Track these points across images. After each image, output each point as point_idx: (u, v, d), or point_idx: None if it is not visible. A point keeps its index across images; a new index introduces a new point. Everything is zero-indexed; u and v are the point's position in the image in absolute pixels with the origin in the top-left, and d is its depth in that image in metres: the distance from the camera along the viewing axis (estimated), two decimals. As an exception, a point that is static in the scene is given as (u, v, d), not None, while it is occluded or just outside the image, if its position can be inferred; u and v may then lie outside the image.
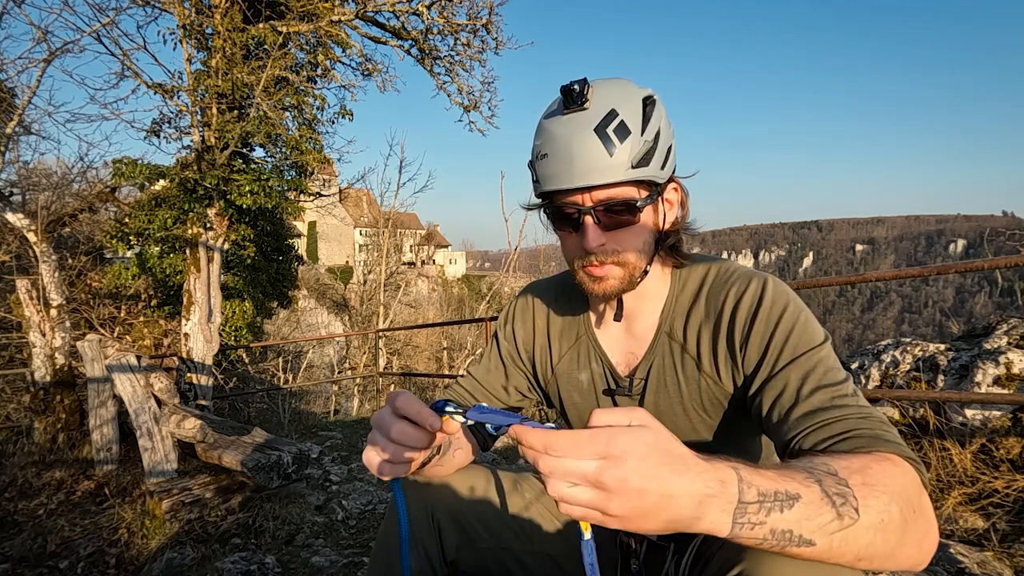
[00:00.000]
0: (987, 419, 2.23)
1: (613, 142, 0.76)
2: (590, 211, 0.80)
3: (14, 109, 4.19)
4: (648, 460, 0.49)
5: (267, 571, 2.13)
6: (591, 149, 0.76)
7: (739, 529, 0.52)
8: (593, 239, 0.80)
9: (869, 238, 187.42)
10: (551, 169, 0.80)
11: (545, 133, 0.81)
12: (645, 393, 0.92)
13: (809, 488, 0.54)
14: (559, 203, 0.82)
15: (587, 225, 0.80)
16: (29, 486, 3.15)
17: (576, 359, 1.00)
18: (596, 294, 0.85)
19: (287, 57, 5.56)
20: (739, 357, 0.82)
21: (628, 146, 0.77)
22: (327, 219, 30.71)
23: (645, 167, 0.79)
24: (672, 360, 0.90)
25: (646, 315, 0.92)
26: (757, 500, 0.52)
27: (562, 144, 0.78)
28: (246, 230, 6.97)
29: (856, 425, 0.68)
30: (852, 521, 0.54)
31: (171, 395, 3.22)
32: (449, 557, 0.96)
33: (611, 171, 0.77)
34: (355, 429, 5.72)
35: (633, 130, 0.78)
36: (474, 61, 6.47)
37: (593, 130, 0.77)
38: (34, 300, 4.19)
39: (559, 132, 0.79)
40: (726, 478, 0.51)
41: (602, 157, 0.77)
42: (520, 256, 9.81)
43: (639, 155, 0.78)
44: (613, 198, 0.79)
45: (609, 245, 0.82)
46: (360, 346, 16.07)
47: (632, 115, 0.78)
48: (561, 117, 0.79)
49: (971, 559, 1.70)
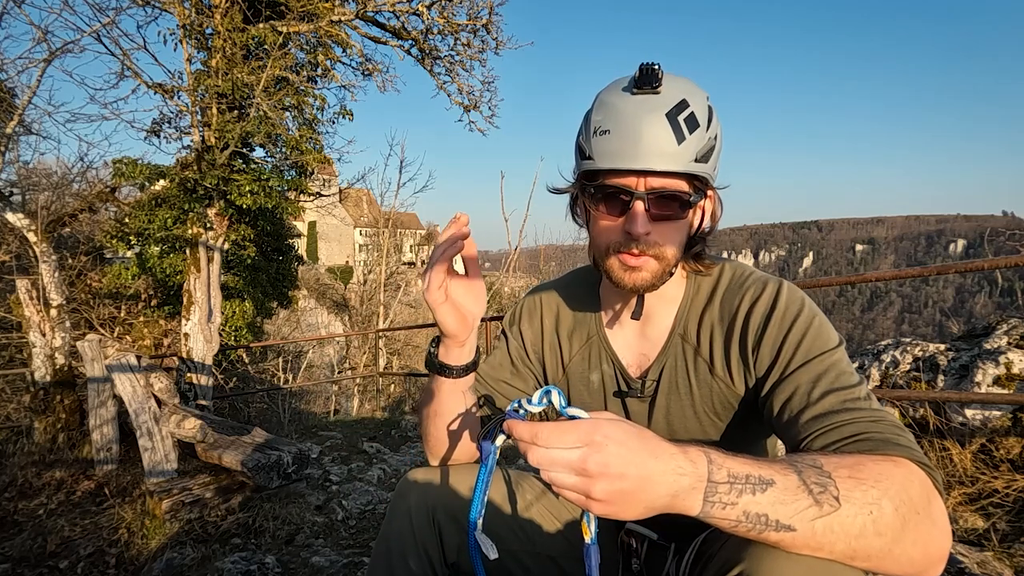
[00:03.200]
0: (987, 419, 2.23)
1: (683, 131, 0.75)
2: (643, 196, 0.77)
3: (14, 109, 4.18)
4: (627, 445, 0.54)
5: (267, 571, 2.13)
6: (660, 133, 0.74)
7: (710, 508, 0.55)
8: (641, 225, 0.77)
9: (869, 238, 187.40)
10: (613, 146, 0.76)
11: (610, 109, 0.77)
12: (656, 395, 0.91)
13: (786, 476, 0.56)
14: (610, 183, 0.79)
15: (636, 210, 0.77)
16: (29, 486, 3.14)
17: (587, 359, 0.99)
18: (626, 285, 0.82)
19: (287, 57, 5.57)
20: (751, 360, 0.82)
21: (695, 138, 0.76)
22: (327, 219, 30.69)
23: (705, 164, 0.78)
24: (685, 363, 0.89)
25: (661, 317, 0.92)
26: (727, 481, 0.55)
27: (630, 122, 0.75)
28: (246, 230, 6.97)
29: (866, 428, 0.67)
30: (832, 510, 0.55)
31: (171, 395, 3.21)
32: (450, 558, 0.95)
33: (676, 159, 0.75)
34: (355, 429, 5.72)
35: (701, 123, 0.76)
36: (474, 61, 6.49)
37: (665, 114, 0.75)
38: (34, 300, 4.19)
39: (628, 110, 0.76)
40: (696, 459, 0.55)
41: (670, 143, 0.74)
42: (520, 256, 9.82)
43: (704, 150, 0.77)
44: (668, 188, 0.77)
45: (653, 236, 0.80)
46: (360, 346, 16.05)
47: (701, 109, 0.77)
48: (631, 96, 0.76)
49: (971, 559, 1.69)
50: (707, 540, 0.84)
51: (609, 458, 0.53)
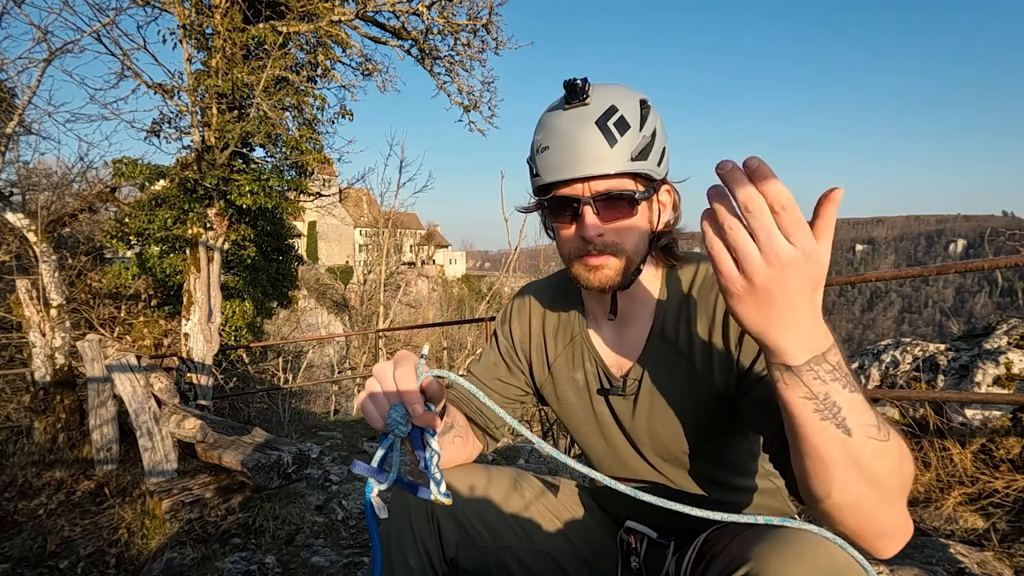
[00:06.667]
0: (987, 419, 2.23)
1: (613, 134, 0.79)
2: (589, 201, 0.82)
3: (14, 109, 4.18)
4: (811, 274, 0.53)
5: (267, 571, 2.13)
6: (593, 140, 0.79)
7: (806, 371, 0.56)
8: (592, 227, 0.82)
9: (869, 238, 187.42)
10: (552, 161, 0.82)
11: (547, 127, 0.84)
12: (639, 395, 0.92)
13: (866, 400, 0.59)
14: (558, 195, 0.84)
15: (586, 215, 0.82)
16: (29, 486, 3.14)
17: (571, 358, 1.01)
18: (592, 284, 0.86)
19: (287, 57, 5.57)
20: (735, 354, 0.82)
21: (628, 139, 0.80)
22: (327, 219, 30.70)
23: (643, 161, 0.81)
24: (665, 361, 0.90)
25: (639, 317, 0.93)
26: (834, 365, 0.57)
27: (564, 136, 0.81)
28: (246, 230, 6.96)
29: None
30: (885, 439, 0.58)
31: (171, 395, 3.22)
32: (449, 555, 0.96)
33: (611, 161, 0.80)
34: (355, 429, 5.72)
35: (632, 125, 0.81)
36: (474, 61, 6.49)
37: (595, 123, 0.80)
38: (34, 300, 4.19)
39: (561, 125, 0.81)
40: (828, 333, 0.58)
41: (603, 148, 0.79)
42: (520, 256, 9.83)
43: (638, 148, 0.81)
44: (612, 189, 0.81)
45: (607, 236, 0.83)
46: (360, 346, 16.05)
47: (631, 112, 0.81)
48: (563, 112, 0.82)
49: (971, 559, 1.69)
50: (708, 540, 0.84)
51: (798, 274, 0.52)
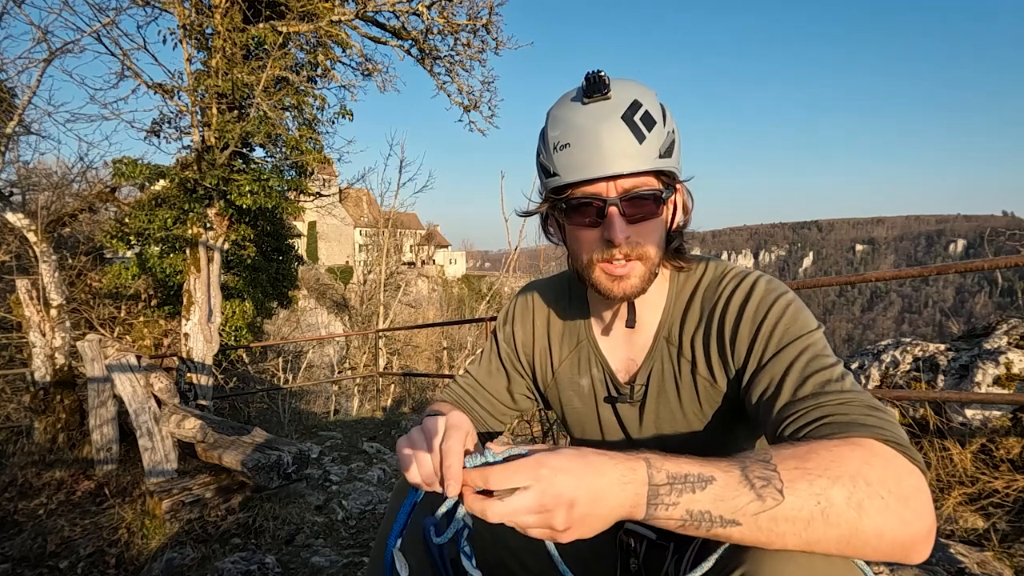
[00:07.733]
0: (987, 419, 2.23)
1: (641, 130, 0.75)
2: (616, 202, 0.77)
3: (14, 109, 4.19)
4: (571, 471, 0.55)
5: (267, 571, 2.13)
6: (620, 136, 0.75)
7: (654, 510, 0.56)
8: (620, 230, 0.77)
9: (869, 238, 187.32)
10: (576, 159, 0.77)
11: (564, 123, 0.78)
12: (646, 400, 0.91)
13: (728, 472, 0.56)
14: (579, 195, 0.79)
15: (612, 216, 0.77)
16: (29, 486, 3.14)
17: (577, 364, 0.99)
18: (615, 295, 0.82)
19: (287, 57, 5.57)
20: (730, 354, 0.82)
21: (655, 135, 0.76)
22: (327, 219, 30.71)
23: (669, 158, 0.79)
24: (671, 365, 0.89)
25: (647, 321, 0.92)
26: (667, 482, 0.56)
27: (587, 133, 0.75)
28: (246, 230, 6.97)
29: (833, 411, 0.66)
30: (776, 503, 0.54)
31: (171, 395, 3.21)
32: (449, 555, 0.96)
33: (641, 159, 0.76)
34: (355, 429, 5.72)
35: (657, 120, 0.77)
36: (474, 61, 6.48)
37: (621, 117, 0.75)
38: (34, 300, 4.19)
39: (582, 121, 0.76)
40: (636, 466, 0.57)
41: (632, 144, 0.75)
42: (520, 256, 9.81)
43: (665, 145, 0.78)
44: (639, 187, 0.77)
45: (633, 238, 0.79)
46: (360, 346, 16.05)
47: (653, 107, 0.78)
48: (583, 106, 0.77)
49: (971, 559, 1.69)
50: (707, 541, 0.84)
51: (559, 488, 0.54)
